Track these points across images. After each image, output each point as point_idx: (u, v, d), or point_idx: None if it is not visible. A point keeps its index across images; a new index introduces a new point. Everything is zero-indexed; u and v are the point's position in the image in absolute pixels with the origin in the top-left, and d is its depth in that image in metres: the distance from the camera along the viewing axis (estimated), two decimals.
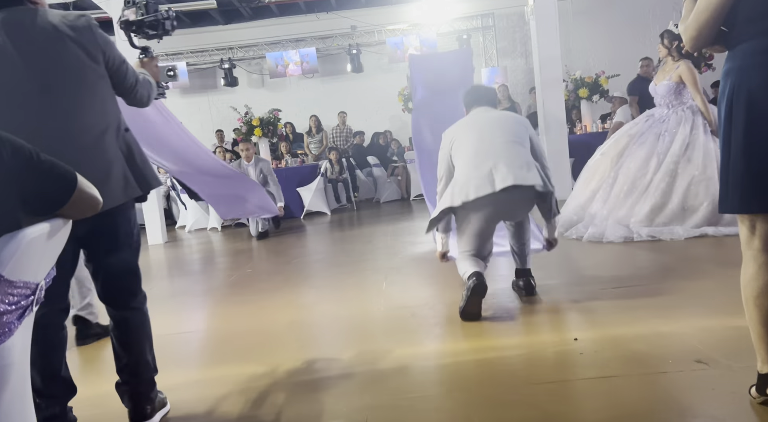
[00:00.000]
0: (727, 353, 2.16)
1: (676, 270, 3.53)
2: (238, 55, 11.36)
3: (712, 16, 1.64)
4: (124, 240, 2.03)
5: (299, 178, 8.69)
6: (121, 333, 2.07)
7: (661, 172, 4.45)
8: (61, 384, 1.94)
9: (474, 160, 3.05)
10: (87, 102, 1.91)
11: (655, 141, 4.56)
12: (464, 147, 3.15)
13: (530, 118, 9.40)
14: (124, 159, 1.99)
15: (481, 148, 3.08)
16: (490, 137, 3.12)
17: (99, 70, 1.94)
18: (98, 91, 1.94)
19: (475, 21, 11.27)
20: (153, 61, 2.33)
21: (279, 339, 3.03)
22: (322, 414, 2.06)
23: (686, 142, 4.46)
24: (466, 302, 2.93)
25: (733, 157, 1.66)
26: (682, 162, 4.40)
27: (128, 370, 2.06)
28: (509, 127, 3.20)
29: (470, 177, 3.01)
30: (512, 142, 3.10)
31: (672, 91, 4.61)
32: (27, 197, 1.29)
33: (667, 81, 4.65)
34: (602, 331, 2.58)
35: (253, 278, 4.78)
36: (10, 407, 1.19)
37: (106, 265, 2.03)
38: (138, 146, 2.08)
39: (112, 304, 2.07)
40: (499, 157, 3.01)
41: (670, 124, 4.59)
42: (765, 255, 1.68)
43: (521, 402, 1.98)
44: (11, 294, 1.16)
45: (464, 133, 3.22)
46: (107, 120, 1.96)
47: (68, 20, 1.89)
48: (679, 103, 4.63)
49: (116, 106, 2.03)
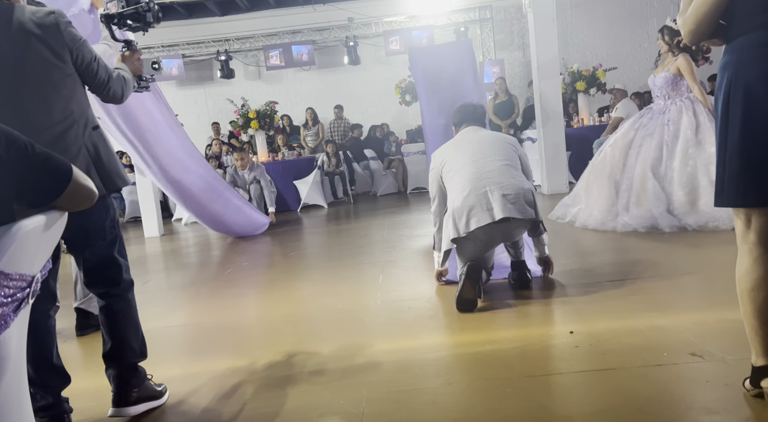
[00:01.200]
0: (721, 346, 2.17)
1: (671, 263, 3.54)
2: (234, 47, 11.30)
3: (711, 10, 1.64)
4: (95, 235, 2.05)
5: (296, 170, 8.68)
6: (105, 319, 2.12)
7: (677, 159, 4.53)
8: (54, 373, 1.95)
9: (470, 185, 3.09)
10: (49, 100, 1.93)
11: (662, 131, 4.66)
12: (458, 170, 3.20)
13: (527, 111, 9.43)
14: (90, 157, 2.01)
15: (476, 173, 3.12)
16: (482, 161, 3.17)
17: (65, 69, 1.96)
18: (63, 89, 1.96)
19: (473, 13, 11.23)
20: (135, 55, 2.34)
21: (275, 332, 3.04)
22: (318, 407, 2.06)
23: (694, 125, 4.57)
24: (461, 287, 2.97)
25: (729, 151, 1.67)
26: (694, 145, 4.50)
27: (111, 355, 2.11)
28: (501, 149, 3.25)
29: (469, 206, 3.05)
30: (507, 165, 3.17)
31: (670, 83, 4.72)
32: (22, 189, 1.29)
33: (665, 73, 4.76)
34: (598, 324, 2.59)
35: (249, 271, 4.78)
36: (6, 399, 1.19)
37: (84, 258, 2.08)
38: (107, 145, 2.11)
39: (95, 292, 2.13)
40: (495, 184, 3.07)
41: (671, 114, 4.70)
42: (760, 248, 1.69)
43: (517, 394, 1.99)
44: (7, 286, 1.16)
45: (456, 154, 3.27)
46: (72, 117, 1.98)
47: (36, 17, 1.90)
48: (677, 94, 4.74)
49: (83, 104, 2.05)
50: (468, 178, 3.12)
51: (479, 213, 3.02)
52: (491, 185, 3.05)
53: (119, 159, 2.21)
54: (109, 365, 2.12)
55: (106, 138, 2.12)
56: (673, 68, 4.70)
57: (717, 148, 1.72)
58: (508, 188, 3.04)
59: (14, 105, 1.89)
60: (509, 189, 3.03)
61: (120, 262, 2.13)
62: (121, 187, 2.12)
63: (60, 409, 1.94)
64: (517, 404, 1.92)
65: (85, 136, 2.02)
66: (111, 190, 2.07)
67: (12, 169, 1.26)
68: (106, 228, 2.08)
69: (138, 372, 2.15)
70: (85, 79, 2.05)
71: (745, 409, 1.73)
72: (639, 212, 4.59)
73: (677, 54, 4.68)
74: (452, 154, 3.28)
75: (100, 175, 2.02)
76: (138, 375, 2.15)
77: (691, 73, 4.59)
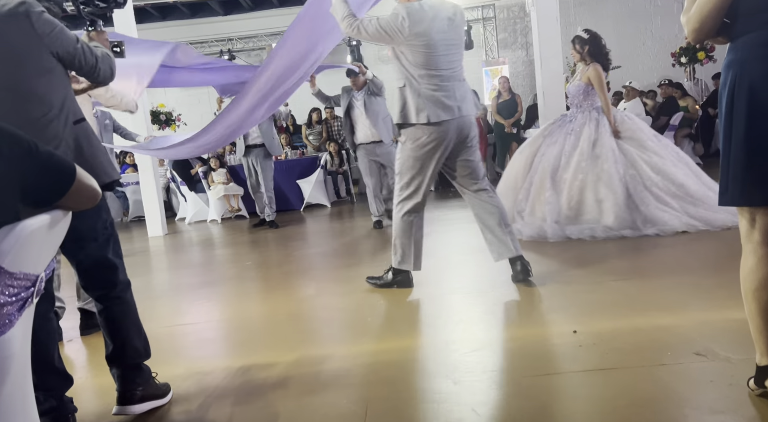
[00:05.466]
0: (725, 345, 2.16)
1: (674, 263, 3.53)
2: (237, 46, 11.31)
3: (715, 8, 1.63)
4: (86, 235, 1.99)
5: (299, 170, 8.68)
6: (105, 322, 2.09)
7: (571, 169, 4.58)
8: (56, 375, 1.93)
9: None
10: (26, 96, 1.86)
11: (564, 140, 4.72)
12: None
13: (530, 109, 9.40)
14: (72, 152, 1.93)
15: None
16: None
17: (42, 62, 1.88)
18: (40, 84, 1.88)
19: (476, 12, 11.22)
20: (102, 35, 2.24)
21: (279, 331, 3.04)
22: (322, 406, 2.06)
23: (592, 139, 4.62)
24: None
25: (733, 150, 1.66)
26: (591, 159, 4.55)
27: (113, 357, 2.09)
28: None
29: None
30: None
31: (581, 92, 4.77)
32: (26, 189, 1.29)
33: (577, 81, 4.82)
34: (601, 324, 2.59)
35: (252, 270, 4.78)
36: (11, 399, 1.19)
37: (77, 260, 2.04)
38: (90, 139, 2.02)
39: (92, 295, 2.10)
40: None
41: (575, 124, 4.76)
42: (764, 248, 1.68)
43: (520, 393, 1.99)
44: (11, 285, 1.16)
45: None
46: (52, 113, 1.90)
47: (5, 10, 1.82)
48: (588, 104, 4.76)
49: (65, 98, 1.96)
50: (438, 79, 3.19)
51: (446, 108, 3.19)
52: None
53: (107, 154, 2.12)
54: (113, 366, 2.11)
55: (89, 132, 2.03)
56: (584, 78, 4.73)
57: (721, 146, 1.72)
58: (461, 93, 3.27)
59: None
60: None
61: (115, 263, 2.08)
62: (105, 181, 2.01)
63: (64, 410, 1.94)
64: (521, 403, 1.92)
65: (66, 131, 1.93)
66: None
67: (16, 169, 1.27)
68: (98, 228, 2.03)
69: (142, 371, 2.14)
70: (71, 66, 1.96)
71: (749, 409, 1.72)
72: (531, 220, 4.64)
73: (588, 62, 4.71)
74: (427, 44, 3.17)
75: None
76: (142, 373, 2.14)
77: (600, 83, 4.61)
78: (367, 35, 3.24)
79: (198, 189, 8.65)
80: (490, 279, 3.59)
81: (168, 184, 9.26)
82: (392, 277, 3.48)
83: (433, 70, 3.19)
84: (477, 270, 3.83)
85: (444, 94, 3.19)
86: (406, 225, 3.38)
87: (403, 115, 3.23)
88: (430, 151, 3.23)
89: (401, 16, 3.15)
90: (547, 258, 3.90)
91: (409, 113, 3.20)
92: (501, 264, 3.44)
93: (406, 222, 3.37)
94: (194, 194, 8.59)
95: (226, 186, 8.28)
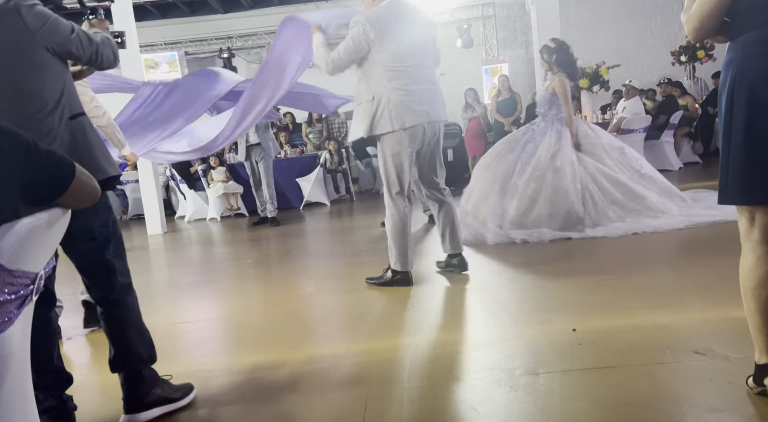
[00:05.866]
0: (724, 344, 2.17)
1: (674, 261, 3.54)
2: (237, 45, 11.30)
3: (716, 7, 1.63)
4: (82, 235, 1.92)
5: (299, 168, 8.68)
6: (105, 326, 2.04)
7: (525, 177, 4.58)
8: (55, 374, 1.92)
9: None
10: (18, 93, 1.82)
11: (522, 148, 4.74)
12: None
13: (530, 108, 9.40)
14: (66, 148, 1.87)
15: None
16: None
17: (35, 58, 1.83)
18: (33, 80, 1.84)
19: (476, 10, 11.22)
20: (102, 23, 2.21)
21: (278, 329, 3.04)
22: (321, 403, 2.07)
23: (551, 151, 4.62)
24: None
25: (733, 148, 1.66)
26: (549, 170, 4.54)
27: (116, 362, 2.03)
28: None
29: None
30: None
31: (546, 102, 4.79)
32: (25, 187, 1.29)
33: (543, 91, 4.86)
34: (600, 322, 2.59)
35: (252, 268, 4.78)
36: (10, 397, 1.19)
37: (75, 260, 1.99)
38: (86, 135, 1.95)
39: (93, 297, 2.04)
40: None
41: (537, 132, 4.78)
42: (764, 246, 1.68)
43: (520, 391, 1.99)
44: (11, 283, 1.16)
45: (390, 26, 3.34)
46: (46, 109, 1.85)
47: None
48: (553, 114, 4.77)
49: (60, 92, 1.90)
50: (409, 80, 3.28)
51: (416, 113, 3.29)
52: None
53: (105, 149, 2.04)
54: (115, 371, 2.05)
55: (85, 127, 1.97)
56: (549, 87, 4.74)
57: (721, 145, 1.72)
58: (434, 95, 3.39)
59: None
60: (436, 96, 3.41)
61: (113, 265, 2.00)
62: (100, 178, 1.89)
63: (64, 409, 1.93)
64: (521, 401, 1.92)
65: (61, 126, 1.87)
66: None
67: (16, 167, 1.27)
68: (95, 228, 1.95)
69: (144, 379, 2.05)
70: (68, 57, 1.91)
71: (748, 407, 1.73)
72: (472, 222, 4.64)
73: (556, 72, 4.73)
74: (395, 46, 3.27)
75: None
76: (145, 381, 2.05)
77: (564, 94, 4.61)
78: (344, 60, 3.33)
79: (197, 187, 8.65)
80: (489, 277, 3.59)
81: (167, 182, 9.25)
82: (391, 276, 3.50)
83: (401, 70, 3.27)
84: (476, 269, 3.83)
85: (412, 99, 3.29)
86: (401, 226, 3.44)
87: (375, 126, 3.32)
88: (407, 154, 3.34)
89: (361, 23, 3.25)
90: (546, 257, 3.90)
91: (381, 123, 3.29)
92: (501, 264, 3.45)
93: (401, 223, 3.43)
94: (193, 192, 8.58)
95: (226, 184, 8.28)
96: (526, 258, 3.91)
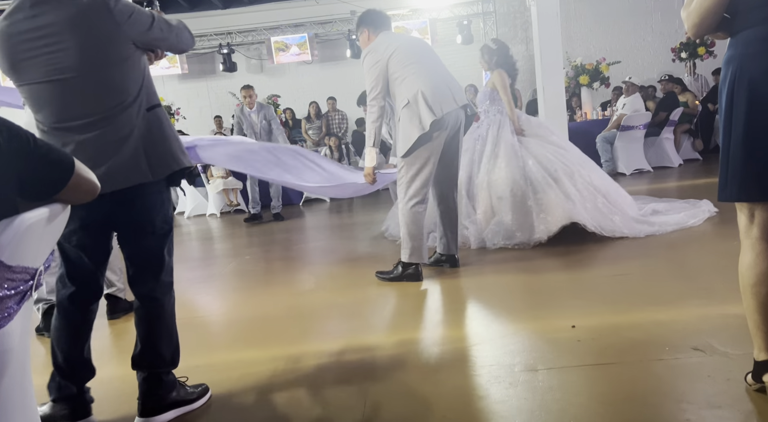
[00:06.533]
0: (723, 340, 2.17)
1: (673, 258, 3.54)
2: (236, 40, 11.27)
3: (716, 3, 1.62)
4: (142, 228, 1.96)
5: None
6: (139, 321, 2.03)
7: (481, 174, 4.59)
8: (82, 366, 1.96)
9: (429, 74, 3.47)
10: (101, 84, 1.85)
11: (473, 146, 4.75)
12: (412, 63, 3.48)
13: (530, 105, 9.39)
14: (142, 139, 1.90)
15: (430, 66, 3.56)
16: (427, 58, 3.58)
17: (121, 51, 1.86)
18: (117, 72, 1.86)
19: (476, 6, 11.19)
20: (159, 16, 2.25)
21: (277, 326, 3.04)
22: (320, 400, 2.07)
23: (494, 141, 4.67)
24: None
25: (733, 145, 1.66)
26: (492, 159, 4.58)
27: (139, 359, 2.02)
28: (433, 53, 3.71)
29: (438, 91, 3.44)
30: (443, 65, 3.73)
31: (488, 98, 4.82)
32: (24, 182, 1.29)
33: (484, 88, 4.93)
34: (600, 319, 2.59)
35: (251, 264, 4.79)
36: (9, 393, 1.19)
37: (130, 252, 2.00)
38: (161, 125, 1.97)
39: (135, 291, 2.04)
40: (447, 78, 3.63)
41: (481, 130, 4.79)
42: (763, 243, 1.68)
43: (519, 388, 1.99)
44: (11, 279, 1.16)
45: (403, 49, 3.51)
46: (127, 101, 1.88)
47: (85, 2, 1.82)
48: (495, 109, 4.79)
49: (140, 84, 1.93)
50: (426, 69, 3.43)
51: (446, 98, 3.40)
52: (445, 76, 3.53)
53: (179, 141, 2.05)
54: (136, 368, 2.03)
55: (162, 118, 1.99)
56: (489, 83, 4.80)
57: (721, 142, 1.72)
58: (453, 82, 3.58)
59: (74, 90, 1.82)
60: (455, 83, 3.59)
61: (165, 261, 2.03)
62: (175, 168, 1.96)
63: (82, 399, 1.96)
64: (520, 397, 1.92)
65: (138, 118, 1.90)
66: (157, 175, 1.93)
67: (13, 162, 1.27)
68: (157, 221, 1.98)
69: (163, 383, 2.03)
70: (154, 43, 1.96)
71: (747, 404, 1.73)
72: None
73: (494, 70, 4.76)
74: (398, 48, 3.44)
75: (147, 160, 1.90)
76: (163, 385, 2.03)
77: (503, 86, 4.64)
78: (379, 92, 3.49)
79: (197, 183, 8.63)
80: (487, 274, 3.59)
81: None
82: (402, 271, 3.50)
83: (415, 63, 3.43)
84: (474, 266, 3.83)
85: (439, 86, 3.45)
86: (416, 217, 3.44)
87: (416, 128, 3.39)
88: (439, 144, 3.45)
89: (370, 55, 3.49)
90: (545, 254, 3.90)
91: (421, 124, 3.37)
92: (501, 263, 3.45)
93: (415, 214, 3.43)
94: (193, 188, 8.56)
95: (225, 180, 8.28)
96: (524, 255, 3.91)
